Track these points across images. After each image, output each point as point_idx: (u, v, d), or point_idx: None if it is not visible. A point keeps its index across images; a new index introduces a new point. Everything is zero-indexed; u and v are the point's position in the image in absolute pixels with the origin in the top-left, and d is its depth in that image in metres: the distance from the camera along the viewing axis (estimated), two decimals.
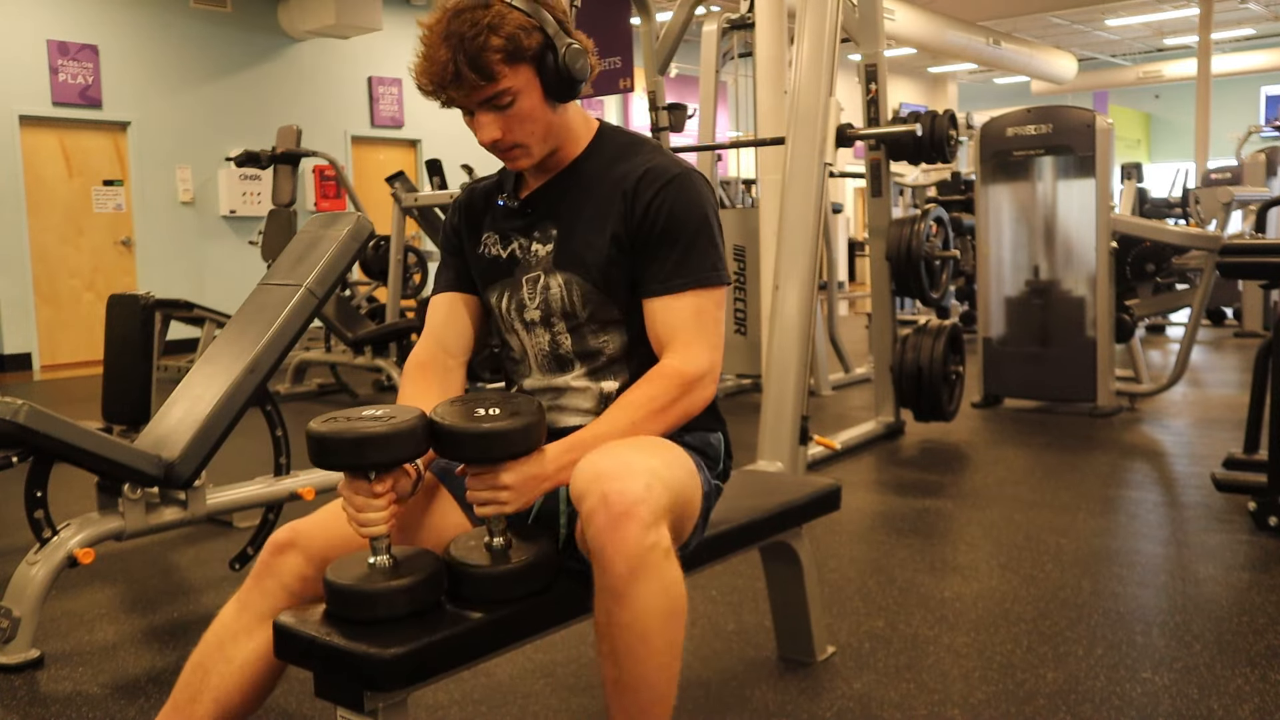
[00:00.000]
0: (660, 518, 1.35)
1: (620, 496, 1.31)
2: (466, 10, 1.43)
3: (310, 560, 1.48)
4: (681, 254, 1.53)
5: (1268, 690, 2.05)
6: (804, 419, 3.56)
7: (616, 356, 1.60)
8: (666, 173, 1.55)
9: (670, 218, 1.53)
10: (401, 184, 6.63)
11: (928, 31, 12.17)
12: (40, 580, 2.33)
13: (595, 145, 1.62)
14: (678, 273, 1.53)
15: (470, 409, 1.41)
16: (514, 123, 1.50)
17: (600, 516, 1.32)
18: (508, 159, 1.56)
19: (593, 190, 1.58)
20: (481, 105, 1.48)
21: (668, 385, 1.51)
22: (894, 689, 2.10)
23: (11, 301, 8.32)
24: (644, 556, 1.32)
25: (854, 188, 15.73)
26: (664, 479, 1.38)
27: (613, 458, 1.38)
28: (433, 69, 1.44)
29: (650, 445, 1.47)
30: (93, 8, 8.77)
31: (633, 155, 1.59)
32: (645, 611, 1.34)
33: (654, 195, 1.53)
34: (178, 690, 1.49)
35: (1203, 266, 5.06)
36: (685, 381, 1.51)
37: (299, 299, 2.59)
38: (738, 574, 2.75)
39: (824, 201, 3.78)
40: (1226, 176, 9.72)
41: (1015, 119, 5.21)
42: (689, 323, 1.53)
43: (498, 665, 2.20)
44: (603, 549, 1.33)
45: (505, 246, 1.64)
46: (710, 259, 1.55)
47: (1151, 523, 3.28)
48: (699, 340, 1.53)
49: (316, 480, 2.91)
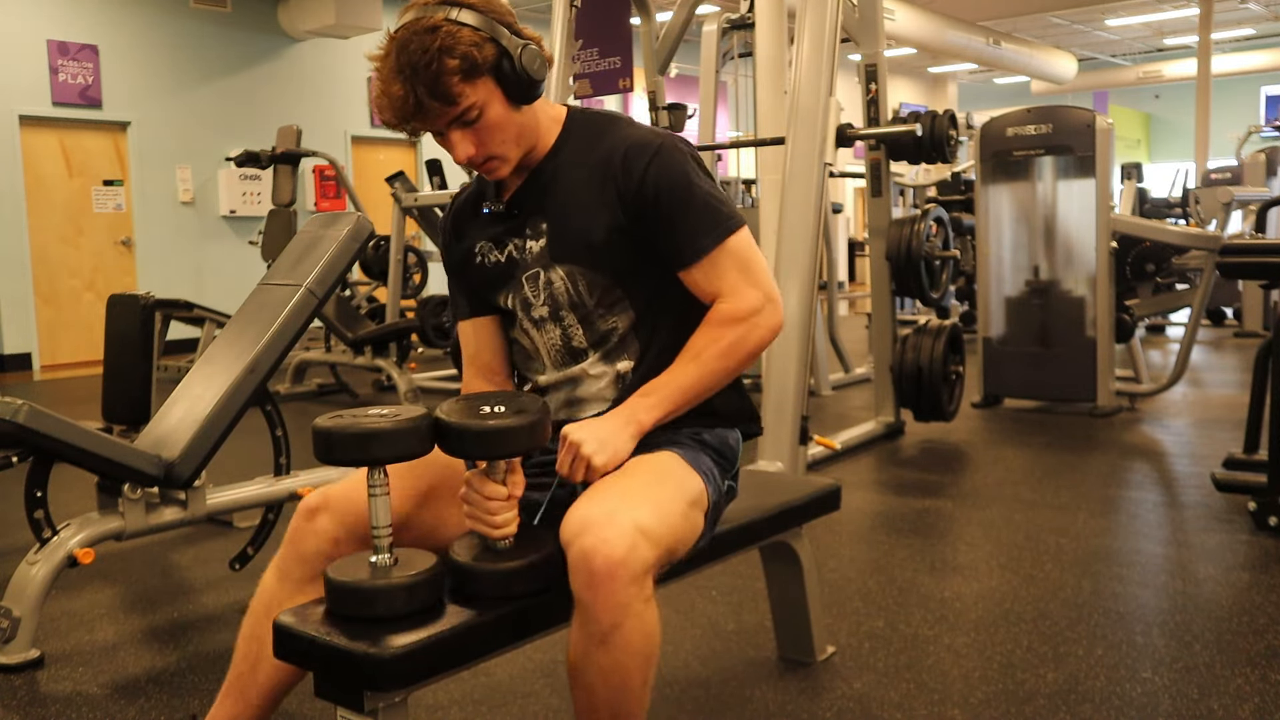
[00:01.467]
0: (644, 573, 1.35)
1: (604, 559, 1.31)
2: (414, 38, 1.42)
3: (341, 523, 1.52)
4: (694, 218, 1.55)
5: (1268, 690, 2.05)
6: (804, 419, 3.56)
7: (626, 334, 1.62)
8: (649, 145, 1.56)
9: (668, 188, 1.54)
10: (401, 184, 6.63)
11: (928, 31, 12.17)
12: (40, 580, 2.33)
13: (566, 133, 1.62)
14: (698, 236, 1.55)
15: (475, 406, 1.44)
16: (484, 135, 1.50)
17: (583, 572, 1.33)
18: (486, 171, 1.57)
19: (575, 177, 1.59)
20: (450, 125, 1.49)
21: (722, 327, 1.55)
22: (894, 689, 2.10)
23: (11, 301, 8.32)
24: (626, 608, 1.33)
25: (854, 188, 15.73)
26: (651, 534, 1.36)
27: (602, 506, 1.37)
28: (394, 104, 1.44)
29: (650, 488, 1.45)
30: (93, 8, 8.77)
31: (608, 134, 1.60)
32: (625, 655, 1.35)
33: (644, 170, 1.54)
34: (237, 661, 1.57)
35: (1203, 266, 5.07)
36: (738, 318, 1.54)
37: (299, 299, 2.59)
38: (738, 574, 2.75)
39: (824, 201, 3.78)
40: (1226, 176, 9.72)
41: (1015, 119, 5.21)
42: (728, 272, 1.55)
43: (498, 665, 2.20)
44: (586, 602, 1.34)
45: (502, 250, 1.64)
46: (720, 210, 1.57)
47: (1151, 523, 3.28)
48: (742, 281, 1.55)
49: (317, 480, 2.91)
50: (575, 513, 1.38)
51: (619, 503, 1.38)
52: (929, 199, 8.21)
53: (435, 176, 7.31)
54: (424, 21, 1.42)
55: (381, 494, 1.39)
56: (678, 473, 1.52)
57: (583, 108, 1.67)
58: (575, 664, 1.39)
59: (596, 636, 1.34)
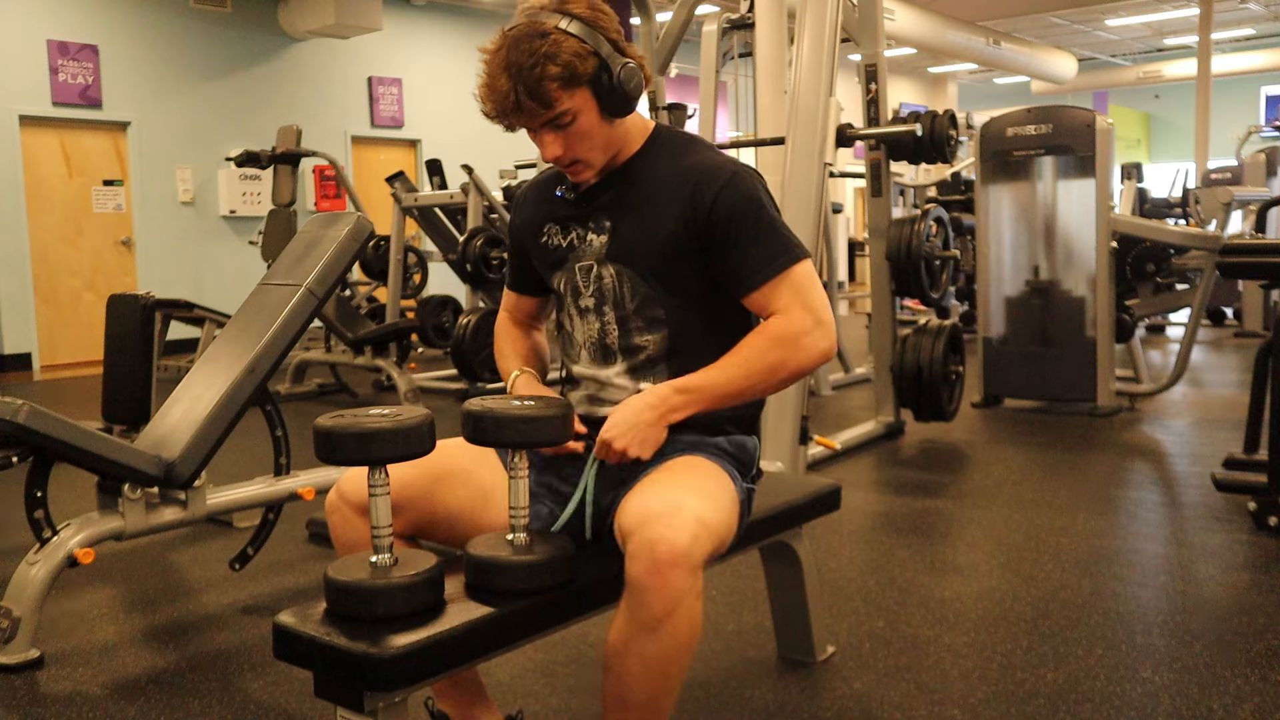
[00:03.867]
0: (701, 565, 1.41)
1: (668, 548, 1.36)
2: (525, 39, 1.50)
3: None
4: (763, 244, 1.59)
5: (1268, 690, 2.05)
6: (804, 419, 3.56)
7: (656, 357, 1.66)
8: (723, 171, 1.61)
9: (739, 213, 1.59)
10: (401, 184, 6.63)
11: (928, 31, 12.17)
12: (40, 580, 2.33)
13: (650, 144, 1.68)
14: (763, 262, 1.59)
15: (506, 400, 1.51)
16: (574, 140, 1.58)
17: (645, 559, 1.37)
18: (570, 173, 1.65)
19: (649, 187, 1.64)
20: (543, 126, 1.56)
21: (771, 342, 1.58)
22: (894, 689, 2.10)
23: (11, 301, 8.32)
24: (680, 600, 1.38)
25: (854, 188, 15.72)
26: (710, 526, 1.43)
27: (663, 498, 1.43)
28: (495, 97, 1.52)
29: (701, 482, 1.53)
30: (93, 8, 8.77)
31: (687, 155, 1.65)
32: (673, 644, 1.40)
33: (715, 195, 1.59)
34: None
35: (1203, 266, 5.06)
36: (787, 338, 1.58)
37: (299, 299, 2.59)
38: (738, 574, 2.75)
39: (824, 201, 3.78)
40: (1226, 176, 9.72)
41: (1015, 119, 5.21)
42: (785, 295, 1.59)
43: (498, 665, 2.20)
44: (644, 590, 1.38)
45: (565, 236, 1.72)
46: (785, 240, 1.61)
47: (1151, 523, 3.28)
48: (796, 304, 1.59)
49: (317, 480, 2.91)
50: (633, 505, 1.44)
51: (681, 496, 1.44)
52: (929, 199, 8.21)
53: (435, 176, 7.31)
54: (536, 26, 1.51)
55: (382, 494, 1.40)
56: (715, 471, 1.59)
57: (669, 126, 1.74)
58: (617, 651, 1.43)
59: (648, 624, 1.39)
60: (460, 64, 11.32)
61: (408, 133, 10.98)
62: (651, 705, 1.45)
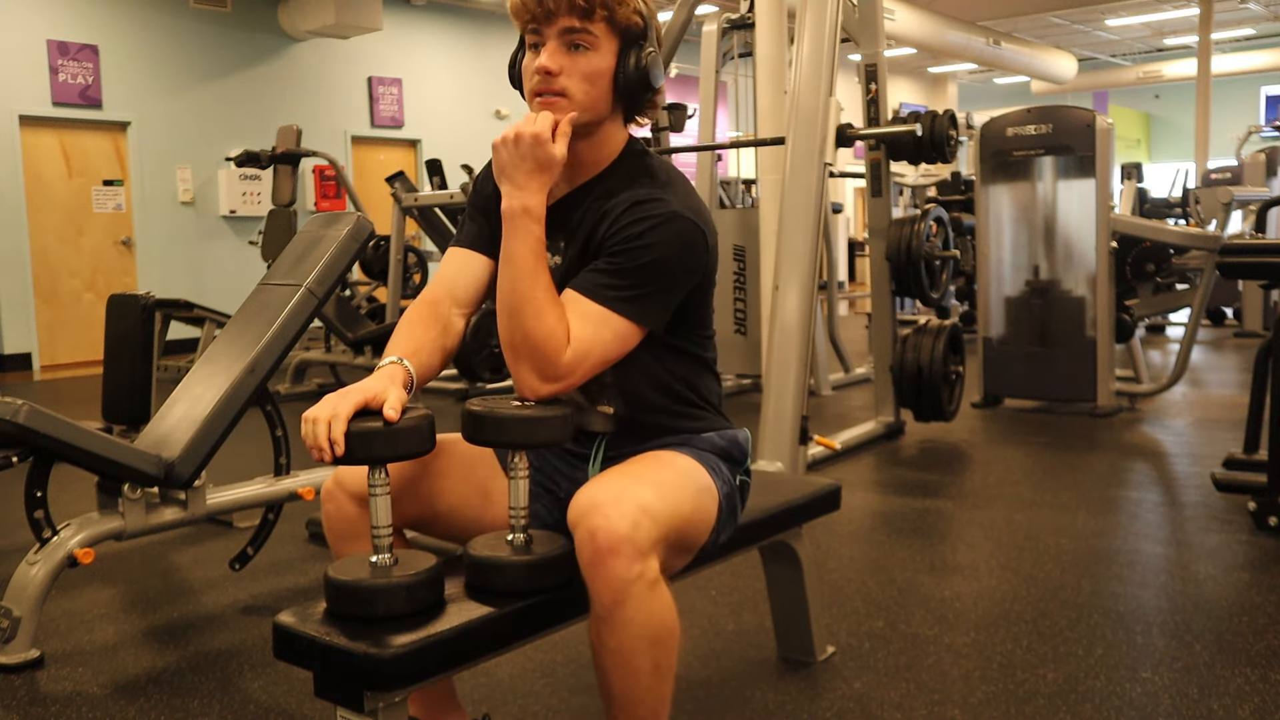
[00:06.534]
0: (647, 552, 1.37)
1: (607, 535, 1.34)
2: None
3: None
4: (607, 275, 1.46)
5: (1268, 690, 2.05)
6: (804, 419, 3.56)
7: (607, 382, 1.58)
8: (662, 207, 1.48)
9: (635, 241, 1.46)
10: (401, 184, 6.63)
11: (928, 31, 12.17)
12: (40, 580, 2.33)
13: (617, 163, 1.58)
14: (590, 283, 1.47)
15: (505, 401, 1.49)
16: (572, 66, 1.48)
17: (587, 550, 1.36)
18: (545, 100, 1.49)
19: (594, 215, 1.54)
20: (560, 34, 1.48)
21: (548, 325, 1.44)
22: (894, 689, 2.10)
23: (11, 301, 8.32)
24: (626, 589, 1.35)
25: (854, 188, 15.73)
26: (655, 513, 1.38)
27: (610, 487, 1.41)
28: None
29: (657, 473, 1.49)
30: (93, 8, 8.77)
31: (644, 183, 1.53)
32: (630, 637, 1.38)
33: (633, 221, 1.47)
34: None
35: (1203, 266, 5.07)
36: (550, 346, 1.43)
37: (299, 299, 2.58)
38: (738, 574, 2.75)
39: (824, 201, 3.78)
40: (1226, 176, 9.73)
41: (1015, 119, 5.21)
42: (575, 319, 1.45)
43: (498, 665, 2.20)
44: (591, 580, 1.37)
45: None
46: (639, 291, 1.46)
47: (1151, 523, 3.28)
48: (580, 334, 1.45)
49: (317, 480, 2.91)
50: (582, 495, 1.41)
51: (628, 485, 1.42)
52: (929, 199, 8.21)
53: (435, 176, 7.30)
54: None
55: (382, 494, 1.39)
56: (681, 463, 1.56)
57: (647, 150, 1.62)
58: (591, 646, 1.43)
59: (600, 615, 1.39)
60: (460, 64, 11.32)
61: (407, 133, 10.98)
62: (630, 699, 1.42)
